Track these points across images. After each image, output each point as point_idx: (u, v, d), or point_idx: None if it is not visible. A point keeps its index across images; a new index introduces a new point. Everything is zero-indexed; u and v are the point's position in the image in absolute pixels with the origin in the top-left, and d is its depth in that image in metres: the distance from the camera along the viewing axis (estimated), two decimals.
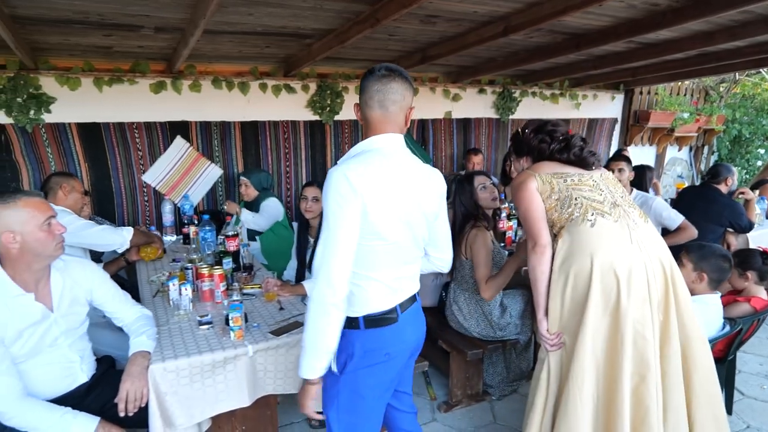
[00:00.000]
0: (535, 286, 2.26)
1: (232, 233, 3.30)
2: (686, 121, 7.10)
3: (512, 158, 2.64)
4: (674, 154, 7.89)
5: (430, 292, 3.60)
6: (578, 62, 5.12)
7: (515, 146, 2.59)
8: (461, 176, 3.38)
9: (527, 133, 2.47)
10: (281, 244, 4.20)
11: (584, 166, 2.33)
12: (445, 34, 3.79)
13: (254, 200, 4.25)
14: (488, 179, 3.20)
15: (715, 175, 4.48)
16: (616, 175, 3.98)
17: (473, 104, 6.00)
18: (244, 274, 3.19)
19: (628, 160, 4.10)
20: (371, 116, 1.77)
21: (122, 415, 2.04)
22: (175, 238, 4.26)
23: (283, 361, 2.39)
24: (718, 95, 7.75)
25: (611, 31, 3.73)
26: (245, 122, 4.81)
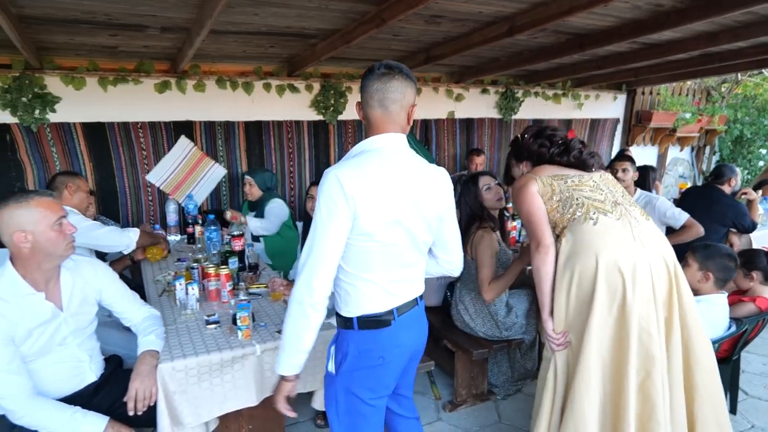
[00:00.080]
0: (539, 286, 2.27)
1: (237, 233, 3.31)
2: (688, 121, 7.10)
3: (512, 163, 2.67)
4: (676, 154, 7.89)
5: (434, 291, 3.60)
6: (581, 62, 5.12)
7: (515, 151, 2.63)
8: (466, 177, 3.38)
9: (526, 138, 2.51)
10: (285, 244, 4.20)
11: (584, 168, 2.37)
12: (449, 34, 3.80)
13: (258, 200, 4.25)
14: (493, 179, 3.19)
15: (718, 175, 4.49)
16: (620, 175, 3.99)
17: (476, 104, 6.01)
18: (249, 273, 3.19)
19: (632, 160, 4.10)
20: (372, 115, 1.75)
21: (131, 414, 2.05)
22: (179, 237, 4.27)
23: None
24: (719, 95, 7.75)
25: (615, 31, 3.73)
26: (249, 122, 4.82)
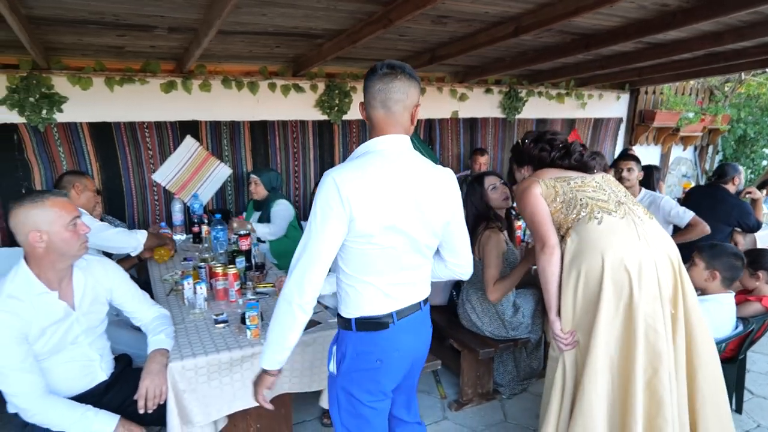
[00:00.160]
0: (545, 287, 2.28)
1: (243, 232, 3.32)
2: (691, 120, 7.11)
3: (513, 168, 2.69)
4: (679, 153, 7.90)
5: (440, 290, 3.61)
6: (585, 62, 5.13)
7: (516, 156, 2.65)
8: (471, 178, 3.38)
9: (527, 143, 2.54)
10: (291, 244, 4.20)
11: (586, 170, 2.40)
12: (455, 34, 3.81)
13: (264, 200, 4.26)
14: (498, 179, 3.18)
15: (722, 174, 4.49)
16: (625, 174, 4.00)
17: (480, 104, 6.02)
18: (256, 273, 3.20)
19: (637, 159, 4.11)
20: (375, 116, 1.73)
21: (141, 412, 2.06)
22: (184, 236, 4.28)
23: (299, 359, 2.41)
24: (723, 95, 7.75)
25: (621, 31, 3.74)
26: (254, 122, 4.84)
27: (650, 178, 4.77)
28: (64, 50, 3.78)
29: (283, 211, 4.14)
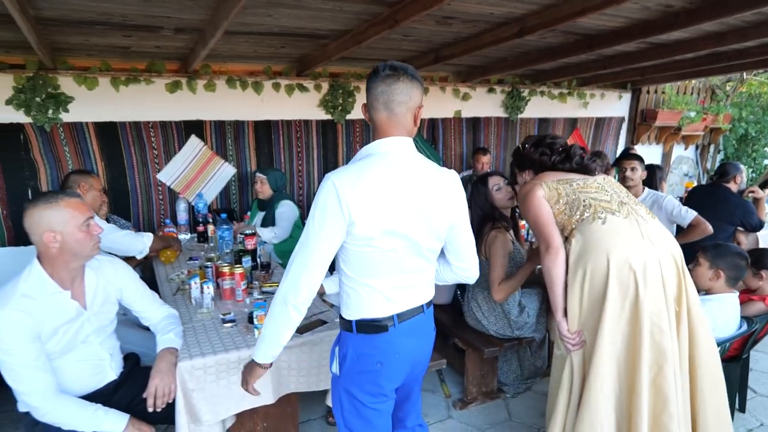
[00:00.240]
0: (551, 288, 2.30)
1: (249, 231, 3.34)
2: (693, 120, 7.11)
3: (515, 172, 2.72)
4: (680, 152, 7.90)
5: (444, 289, 3.63)
6: (588, 62, 5.13)
7: (517, 161, 2.68)
8: (475, 179, 3.39)
9: (527, 147, 2.57)
10: (294, 244, 4.20)
11: (587, 172, 2.43)
12: (459, 34, 3.81)
13: (268, 200, 4.28)
14: (502, 179, 3.19)
15: (723, 174, 4.51)
16: (628, 173, 4.02)
17: (482, 103, 6.02)
18: (262, 272, 3.22)
19: (640, 159, 4.12)
20: (378, 118, 1.72)
21: (151, 410, 2.07)
22: (189, 236, 4.30)
23: (306, 359, 2.43)
24: (724, 94, 7.76)
25: (624, 31, 3.74)
26: (258, 121, 4.84)
27: (653, 177, 4.79)
28: (70, 50, 3.78)
29: (287, 212, 4.16)
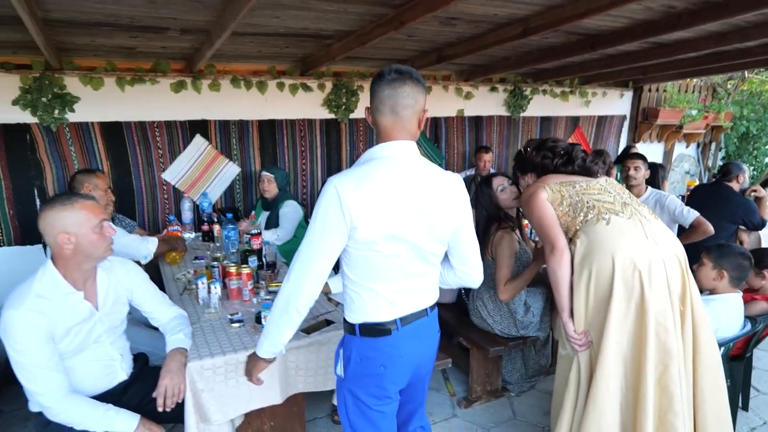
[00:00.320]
0: (556, 289, 2.32)
1: (255, 231, 3.36)
2: (694, 118, 7.13)
3: (517, 175, 2.73)
4: (682, 150, 7.92)
5: (449, 289, 3.63)
6: (590, 61, 5.13)
7: (519, 164, 2.71)
8: (480, 180, 3.40)
9: (529, 151, 2.59)
10: (299, 244, 4.22)
11: (589, 174, 2.45)
12: (463, 35, 3.82)
13: (273, 199, 4.29)
14: (507, 179, 3.18)
15: (726, 173, 4.53)
16: (632, 173, 4.04)
17: (485, 102, 6.04)
18: (268, 271, 3.23)
19: (644, 158, 4.14)
20: (382, 122, 1.71)
21: (160, 410, 2.09)
22: (193, 235, 4.32)
23: (314, 359, 2.44)
24: (725, 92, 7.77)
25: (627, 32, 3.76)
26: (263, 121, 4.86)
27: (655, 176, 4.81)
28: (76, 51, 3.80)
29: (291, 213, 4.17)
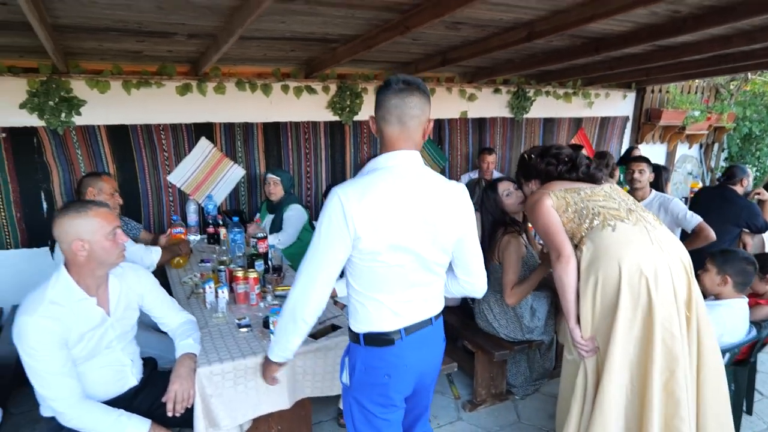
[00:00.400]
0: (563, 296, 2.33)
1: (261, 235, 3.37)
2: (697, 119, 7.13)
3: (521, 181, 2.74)
4: (684, 151, 7.92)
5: None
6: (594, 63, 5.14)
7: (523, 171, 2.71)
8: (486, 184, 3.40)
9: (533, 157, 2.60)
10: (303, 247, 4.21)
11: (593, 181, 2.46)
12: (467, 39, 3.83)
13: (277, 202, 4.30)
14: (512, 184, 3.18)
15: (730, 176, 4.53)
16: (636, 176, 4.05)
17: (488, 104, 6.05)
18: (274, 275, 3.24)
19: (648, 161, 4.15)
20: (388, 131, 1.71)
21: (170, 415, 2.11)
22: (198, 237, 4.33)
23: (321, 364, 2.46)
24: (728, 93, 7.77)
25: (632, 35, 3.76)
26: (267, 123, 4.88)
27: (659, 178, 4.81)
28: (82, 54, 3.82)
29: (295, 217, 4.18)
